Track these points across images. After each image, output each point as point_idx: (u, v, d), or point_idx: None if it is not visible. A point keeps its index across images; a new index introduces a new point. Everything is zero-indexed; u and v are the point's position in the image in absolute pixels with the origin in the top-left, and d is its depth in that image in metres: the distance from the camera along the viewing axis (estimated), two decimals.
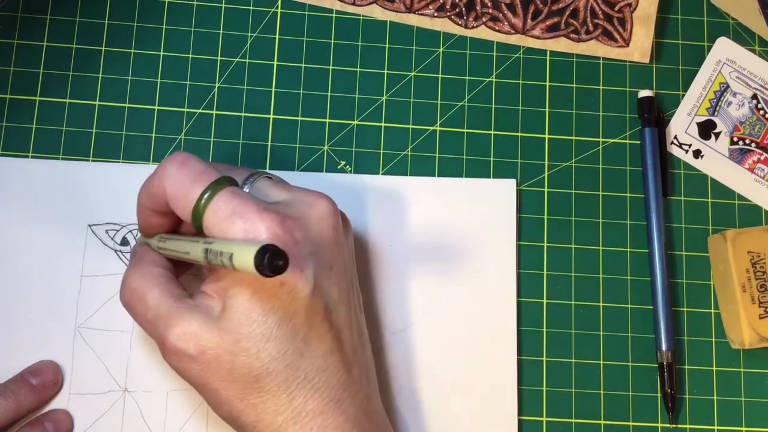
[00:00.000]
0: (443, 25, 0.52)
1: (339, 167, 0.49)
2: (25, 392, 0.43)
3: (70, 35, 0.50)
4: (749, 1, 0.53)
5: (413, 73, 0.51)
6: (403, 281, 0.47)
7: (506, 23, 0.52)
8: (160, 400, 0.45)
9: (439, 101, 0.51)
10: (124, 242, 0.47)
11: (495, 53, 0.52)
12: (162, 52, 0.50)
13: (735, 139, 0.52)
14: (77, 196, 0.47)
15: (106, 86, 0.49)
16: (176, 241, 0.38)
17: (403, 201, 0.48)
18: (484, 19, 0.52)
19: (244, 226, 0.35)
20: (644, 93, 0.51)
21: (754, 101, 0.52)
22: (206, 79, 0.50)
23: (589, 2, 0.52)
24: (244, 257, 0.31)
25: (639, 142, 0.51)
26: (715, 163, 0.51)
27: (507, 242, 0.48)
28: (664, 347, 0.47)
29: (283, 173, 0.47)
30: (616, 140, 0.51)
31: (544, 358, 0.48)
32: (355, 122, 0.50)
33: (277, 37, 0.51)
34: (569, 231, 0.50)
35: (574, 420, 0.47)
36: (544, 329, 0.48)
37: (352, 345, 0.39)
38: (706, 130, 0.52)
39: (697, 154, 0.51)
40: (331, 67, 0.51)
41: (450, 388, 0.46)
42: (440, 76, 0.51)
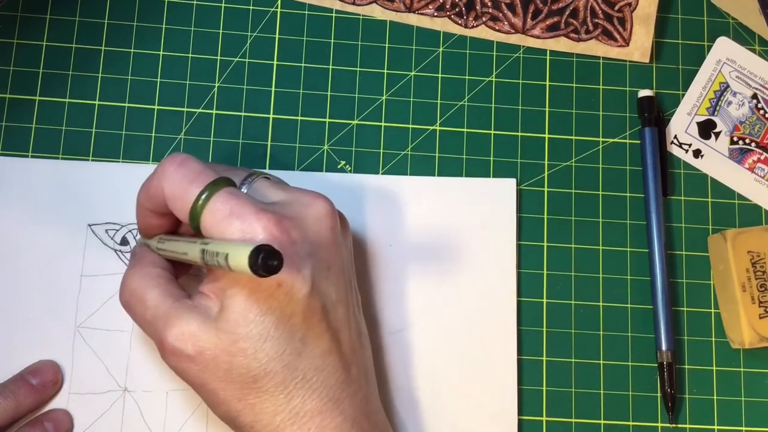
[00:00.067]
0: (443, 24, 0.52)
1: (339, 167, 0.49)
2: (24, 392, 0.43)
3: (70, 35, 0.50)
4: (749, 1, 0.53)
5: (413, 73, 0.51)
6: (403, 281, 0.47)
7: (506, 23, 0.52)
8: (160, 399, 0.45)
9: (439, 101, 0.51)
10: (124, 242, 0.47)
11: (495, 53, 0.52)
12: (162, 52, 0.50)
13: (735, 139, 0.52)
14: (77, 196, 0.47)
15: (106, 86, 0.49)
16: (175, 242, 0.38)
17: (403, 201, 0.48)
18: (484, 19, 0.52)
19: (241, 227, 0.35)
20: (644, 93, 0.51)
21: (754, 101, 0.52)
22: (206, 78, 0.50)
23: (589, 2, 0.52)
24: (239, 257, 0.31)
25: (639, 141, 0.51)
26: (715, 162, 0.51)
27: (507, 242, 0.48)
28: (664, 347, 0.47)
29: (283, 173, 0.47)
30: (616, 140, 0.51)
31: (544, 358, 0.48)
32: (355, 122, 0.50)
33: (277, 36, 0.51)
34: (569, 231, 0.50)
35: (574, 420, 0.47)
36: (544, 329, 0.48)
37: (351, 345, 0.39)
38: (706, 129, 0.52)
39: (697, 153, 0.51)
40: (331, 66, 0.51)
41: (450, 388, 0.46)
42: (440, 75, 0.51)
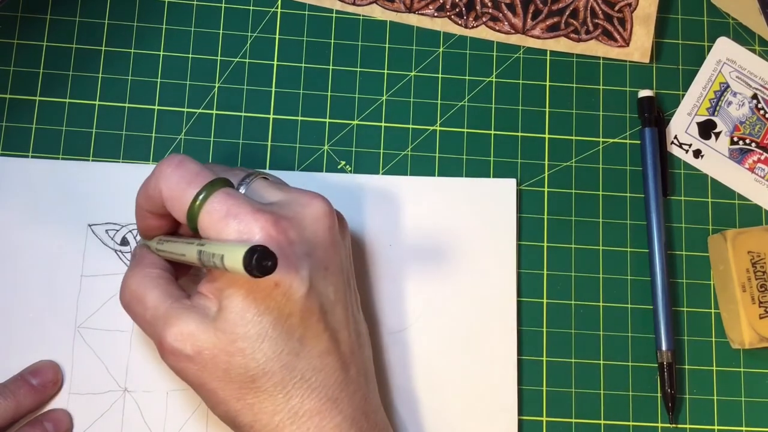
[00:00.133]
0: (443, 24, 0.52)
1: (339, 167, 0.49)
2: (24, 392, 0.43)
3: (70, 35, 0.50)
4: (749, 1, 0.53)
5: (413, 73, 0.51)
6: (403, 281, 0.47)
7: (506, 23, 0.52)
8: (160, 399, 0.45)
9: (439, 101, 0.51)
10: (124, 242, 0.47)
11: (495, 53, 0.52)
12: (162, 52, 0.50)
13: (735, 139, 0.52)
14: (77, 196, 0.47)
15: (106, 86, 0.49)
16: (173, 243, 0.38)
17: (403, 201, 0.48)
18: (484, 19, 0.52)
19: (238, 227, 0.35)
20: (644, 93, 0.51)
21: (754, 101, 0.52)
22: (206, 79, 0.50)
23: (589, 2, 0.52)
24: (234, 258, 0.31)
25: (639, 142, 0.51)
26: (715, 162, 0.51)
27: (507, 242, 0.48)
28: (664, 347, 0.47)
29: (283, 173, 0.47)
30: (616, 140, 0.51)
31: (544, 358, 0.48)
32: (355, 122, 0.50)
33: (277, 37, 0.51)
34: (569, 231, 0.50)
35: (574, 420, 0.47)
36: (544, 329, 0.48)
37: (350, 345, 0.39)
38: (706, 129, 0.52)
39: (697, 153, 0.51)
40: (331, 67, 0.51)
41: (450, 388, 0.46)
42: (440, 75, 0.51)
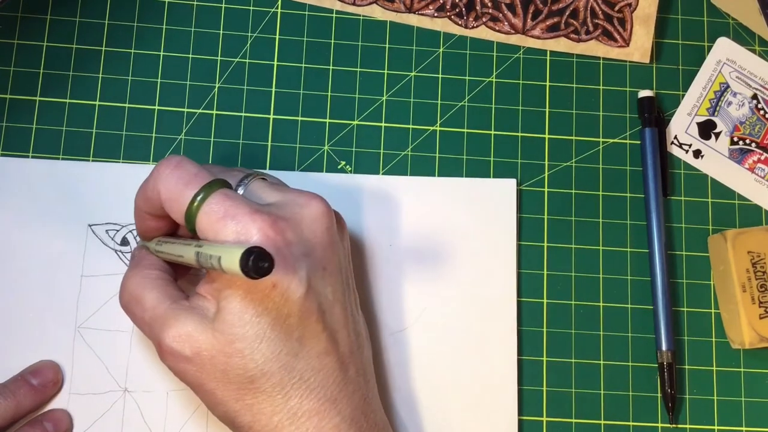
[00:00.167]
0: (443, 25, 0.52)
1: (339, 167, 0.49)
2: (24, 392, 0.43)
3: (70, 35, 0.50)
4: (749, 1, 0.53)
5: (413, 73, 0.51)
6: (403, 281, 0.47)
7: (506, 23, 0.52)
8: (160, 400, 0.45)
9: (439, 101, 0.51)
10: (124, 242, 0.47)
11: (495, 53, 0.52)
12: (162, 52, 0.50)
13: (735, 139, 0.52)
14: (77, 196, 0.47)
15: (106, 86, 0.49)
16: (172, 244, 0.38)
17: (403, 201, 0.48)
18: (484, 19, 0.52)
19: (235, 228, 0.35)
20: (644, 93, 0.51)
21: (754, 101, 0.52)
22: (206, 79, 0.50)
23: (589, 2, 0.52)
24: (231, 259, 0.31)
25: (639, 142, 0.51)
26: (715, 163, 0.51)
27: (507, 242, 0.48)
28: (664, 347, 0.47)
29: (283, 173, 0.47)
30: (616, 140, 0.51)
31: (544, 358, 0.48)
32: (355, 122, 0.50)
33: (277, 37, 0.51)
34: (569, 231, 0.50)
35: (574, 420, 0.47)
36: (544, 329, 0.48)
37: (349, 345, 0.39)
38: (706, 130, 0.52)
39: (697, 154, 0.51)
40: (331, 67, 0.51)
41: (450, 388, 0.46)
42: (440, 76, 0.51)
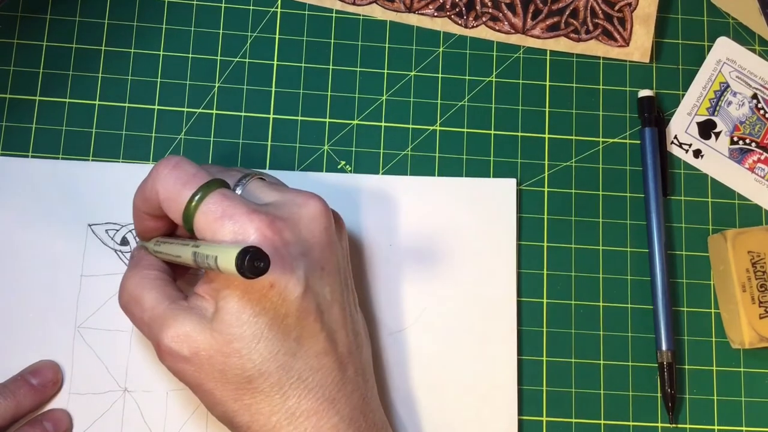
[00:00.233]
0: (443, 24, 0.52)
1: (339, 167, 0.49)
2: (24, 392, 0.43)
3: (70, 35, 0.50)
4: (749, 1, 0.53)
5: (413, 73, 0.51)
6: (403, 281, 0.47)
7: (506, 23, 0.52)
8: (160, 399, 0.45)
9: (439, 101, 0.51)
10: (124, 242, 0.47)
11: (495, 53, 0.52)
12: (162, 52, 0.50)
13: (735, 139, 0.52)
14: (77, 196, 0.47)
15: (106, 86, 0.49)
16: (170, 244, 0.38)
17: (403, 201, 0.48)
18: (484, 19, 0.52)
19: (233, 228, 0.35)
20: (644, 93, 0.51)
21: (754, 101, 0.52)
22: (206, 78, 0.50)
23: (589, 2, 0.52)
24: (227, 259, 0.32)
25: (639, 141, 0.51)
26: (715, 162, 0.51)
27: (507, 242, 0.48)
28: (664, 347, 0.47)
29: (282, 173, 0.47)
30: (616, 140, 0.51)
31: (544, 358, 0.48)
32: (355, 122, 0.50)
33: (277, 36, 0.51)
34: (569, 231, 0.50)
35: (574, 420, 0.47)
36: (544, 329, 0.48)
37: (347, 345, 0.39)
38: (706, 129, 0.52)
39: (697, 153, 0.51)
40: (331, 66, 0.51)
41: (450, 388, 0.46)
42: (440, 75, 0.51)
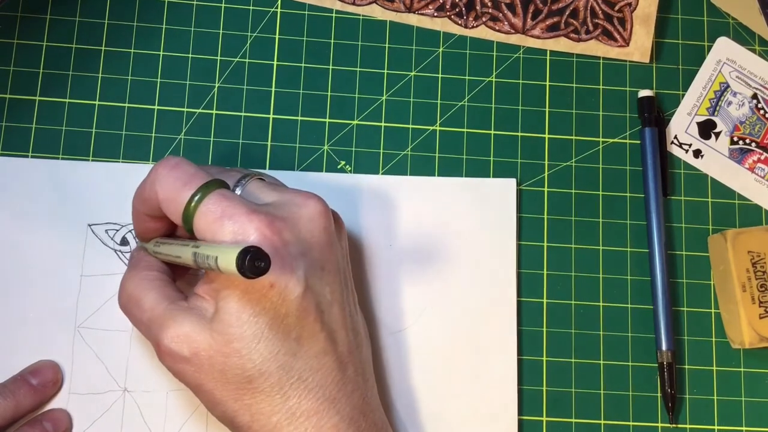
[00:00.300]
0: (443, 24, 0.52)
1: (339, 167, 0.49)
2: (24, 392, 0.43)
3: (70, 35, 0.50)
4: (749, 1, 0.53)
5: (413, 73, 0.51)
6: (403, 281, 0.47)
7: (506, 23, 0.52)
8: (160, 399, 0.45)
9: (439, 101, 0.51)
10: (123, 242, 0.47)
11: (495, 53, 0.52)
12: (162, 52, 0.50)
13: (735, 139, 0.52)
14: (77, 196, 0.47)
15: (106, 86, 0.49)
16: (169, 245, 0.38)
17: (403, 201, 0.48)
18: (484, 19, 0.52)
19: (233, 228, 0.35)
20: (644, 93, 0.51)
21: (754, 101, 0.52)
22: (206, 78, 0.50)
23: (589, 2, 0.52)
24: (227, 259, 0.32)
25: (639, 141, 0.51)
26: (715, 162, 0.51)
27: (507, 242, 0.48)
28: (664, 347, 0.47)
29: (282, 173, 0.47)
30: (616, 140, 0.51)
31: (544, 358, 0.48)
32: (355, 122, 0.50)
33: (277, 36, 0.51)
34: (569, 231, 0.50)
35: (574, 420, 0.47)
36: (544, 329, 0.48)
37: (347, 345, 0.39)
38: (706, 129, 0.52)
39: (697, 153, 0.51)
40: (331, 66, 0.51)
41: (450, 388, 0.46)
42: (440, 75, 0.51)
